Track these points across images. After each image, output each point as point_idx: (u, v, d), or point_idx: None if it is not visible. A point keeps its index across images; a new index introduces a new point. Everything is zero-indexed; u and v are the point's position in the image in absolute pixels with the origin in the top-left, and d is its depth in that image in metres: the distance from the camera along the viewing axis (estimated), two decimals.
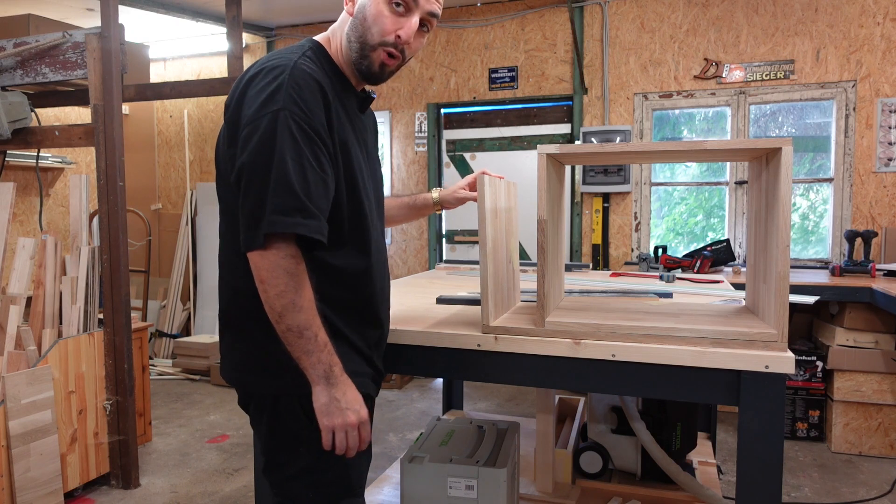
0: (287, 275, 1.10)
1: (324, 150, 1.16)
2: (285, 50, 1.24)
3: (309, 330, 1.12)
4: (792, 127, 4.32)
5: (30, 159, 4.58)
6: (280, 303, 1.11)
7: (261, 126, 1.12)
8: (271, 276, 1.11)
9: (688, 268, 3.72)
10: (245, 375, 1.26)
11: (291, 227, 1.09)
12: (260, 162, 1.11)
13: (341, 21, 1.28)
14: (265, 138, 1.11)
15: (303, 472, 1.24)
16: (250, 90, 1.16)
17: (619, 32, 4.46)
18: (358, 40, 1.23)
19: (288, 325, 1.12)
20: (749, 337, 1.22)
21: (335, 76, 1.25)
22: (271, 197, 1.09)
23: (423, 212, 1.71)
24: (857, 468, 3.25)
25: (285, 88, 1.13)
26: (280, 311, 1.11)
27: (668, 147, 1.32)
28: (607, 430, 2.21)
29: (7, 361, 2.73)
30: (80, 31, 2.99)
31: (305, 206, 1.11)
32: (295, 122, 1.12)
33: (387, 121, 5.19)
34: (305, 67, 1.17)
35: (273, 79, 1.14)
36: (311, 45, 1.26)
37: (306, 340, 1.12)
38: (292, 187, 1.10)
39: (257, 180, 1.11)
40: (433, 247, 5.13)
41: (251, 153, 1.12)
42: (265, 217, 1.09)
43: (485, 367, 1.39)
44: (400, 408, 4.28)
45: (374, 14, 1.22)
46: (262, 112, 1.12)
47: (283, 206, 1.09)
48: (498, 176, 1.59)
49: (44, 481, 2.68)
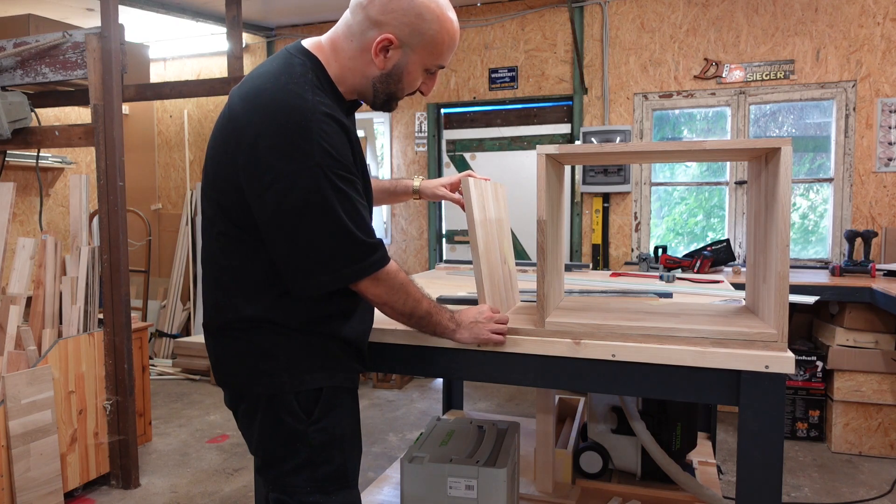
0: (388, 288, 1.23)
1: (359, 183, 1.22)
2: (284, 68, 1.20)
3: (432, 309, 1.29)
4: (792, 127, 4.32)
5: (30, 159, 4.58)
6: (403, 307, 1.26)
7: (298, 183, 1.12)
8: (388, 294, 1.24)
9: (688, 268, 3.72)
10: (238, 377, 1.28)
11: (378, 265, 1.21)
12: (311, 217, 1.14)
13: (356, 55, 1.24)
14: (310, 198, 1.13)
15: (301, 467, 1.26)
16: (270, 132, 1.13)
17: (619, 32, 4.46)
18: (387, 94, 1.28)
19: (419, 318, 1.28)
20: (749, 337, 1.22)
21: (333, 94, 1.25)
22: (342, 244, 1.17)
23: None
24: (857, 468, 3.25)
25: (316, 141, 1.13)
26: (409, 313, 1.27)
27: (668, 147, 1.32)
28: (607, 430, 2.21)
29: (7, 361, 2.73)
30: (80, 31, 2.99)
31: (375, 242, 1.21)
32: (334, 174, 1.14)
33: (387, 121, 5.19)
34: (325, 108, 1.16)
35: (298, 127, 1.13)
36: (312, 66, 1.23)
37: (435, 316, 1.30)
38: (354, 236, 1.17)
39: (312, 233, 1.15)
40: (433, 247, 5.13)
41: (295, 208, 1.13)
42: (345, 269, 1.18)
43: (485, 367, 1.39)
44: (400, 408, 4.28)
45: (411, 80, 1.27)
46: (295, 167, 1.12)
47: (362, 253, 1.19)
48: (483, 178, 1.62)
49: (44, 481, 2.67)
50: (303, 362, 1.25)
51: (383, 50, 1.21)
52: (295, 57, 1.23)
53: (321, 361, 1.27)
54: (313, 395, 1.26)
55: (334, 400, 1.29)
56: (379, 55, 1.21)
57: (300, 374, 1.25)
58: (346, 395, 1.32)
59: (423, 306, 1.28)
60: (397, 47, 1.21)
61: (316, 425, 1.26)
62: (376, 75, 1.24)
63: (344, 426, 1.31)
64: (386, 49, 1.21)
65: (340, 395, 1.30)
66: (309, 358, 1.26)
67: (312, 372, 1.26)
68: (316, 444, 1.26)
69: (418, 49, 1.22)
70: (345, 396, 1.31)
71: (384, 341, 1.45)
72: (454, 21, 1.26)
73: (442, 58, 1.27)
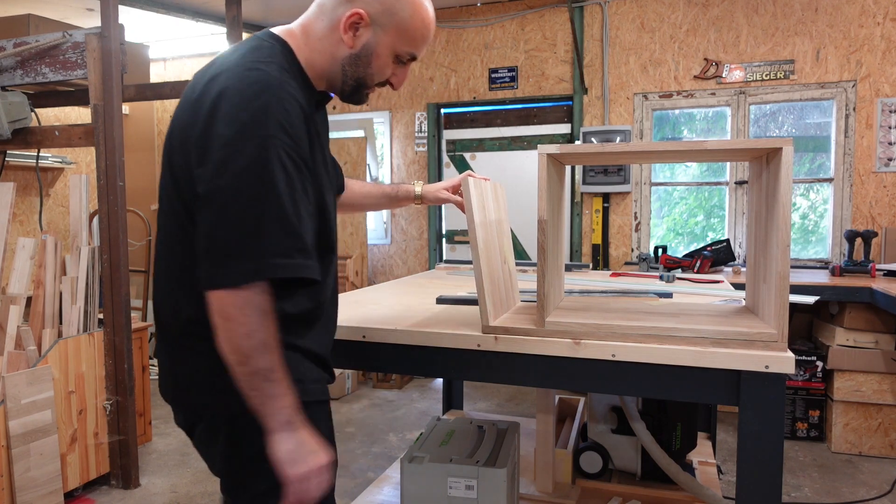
0: (260, 313, 1.02)
1: (310, 180, 1.12)
2: (254, 51, 1.14)
3: (276, 372, 1.04)
4: (792, 127, 4.32)
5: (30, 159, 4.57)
6: (249, 343, 1.01)
7: (246, 151, 1.02)
8: (243, 312, 1.01)
9: (688, 268, 3.72)
10: (197, 396, 1.18)
11: (297, 270, 1.04)
12: (247, 192, 1.02)
13: (325, 35, 1.18)
14: (255, 167, 1.02)
15: (271, 489, 1.13)
16: (225, 104, 1.05)
17: (619, 32, 4.46)
18: (355, 78, 1.21)
19: (256, 367, 1.03)
20: (749, 337, 1.22)
21: (301, 81, 1.18)
22: (270, 236, 1.02)
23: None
24: (857, 468, 3.25)
25: (273, 112, 1.04)
26: (248, 353, 1.02)
27: (668, 147, 1.32)
28: (607, 430, 2.21)
29: (7, 361, 2.73)
30: (80, 31, 2.99)
31: (305, 245, 1.05)
32: (286, 153, 1.05)
33: (387, 121, 5.19)
34: (287, 85, 1.09)
35: (255, 96, 1.05)
36: (281, 49, 1.17)
37: (272, 383, 1.04)
38: (292, 226, 1.04)
39: (243, 212, 1.01)
40: (433, 247, 5.13)
41: (233, 180, 1.02)
42: (264, 259, 1.01)
43: (485, 367, 1.39)
44: (400, 408, 4.28)
45: (380, 65, 1.20)
46: (246, 135, 1.02)
47: (284, 247, 1.02)
48: (483, 178, 1.60)
49: (44, 481, 2.67)
50: None
51: (353, 27, 1.16)
52: (264, 41, 1.18)
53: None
54: None
55: (306, 414, 1.16)
56: (348, 31, 1.16)
57: None
58: (318, 409, 1.22)
59: (270, 361, 1.04)
60: (367, 25, 1.16)
61: None
62: (345, 56, 1.18)
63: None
64: (356, 26, 1.16)
65: (312, 409, 1.19)
66: None
67: None
68: None
69: (389, 30, 1.17)
70: (317, 410, 1.22)
71: (384, 341, 1.45)
72: (429, 10, 1.21)
73: (415, 45, 1.20)
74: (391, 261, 5.28)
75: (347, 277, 4.91)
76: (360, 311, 1.67)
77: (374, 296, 1.97)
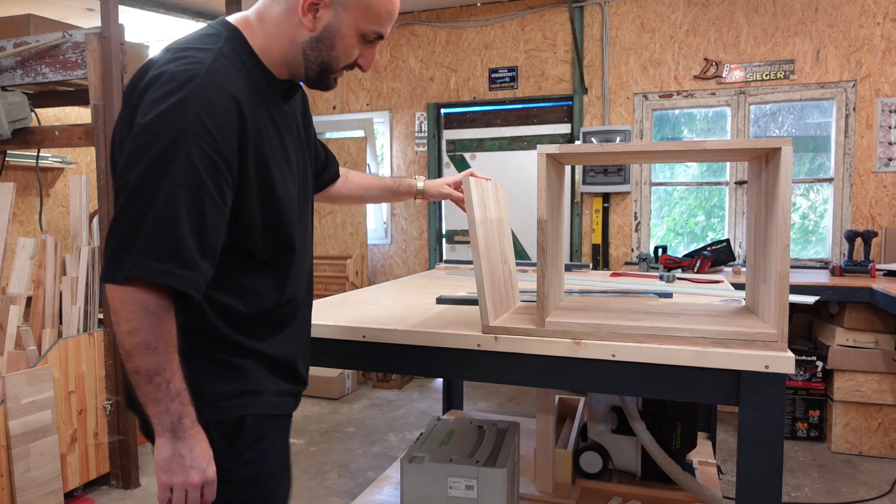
0: (144, 311, 0.96)
1: (227, 178, 1.02)
2: (197, 39, 1.08)
3: (160, 376, 0.98)
4: (792, 127, 4.32)
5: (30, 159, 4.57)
6: (131, 341, 0.96)
7: (156, 144, 0.96)
8: (125, 308, 0.96)
9: (688, 268, 3.72)
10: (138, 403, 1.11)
11: (158, 275, 0.95)
12: (147, 186, 0.95)
13: (282, 19, 1.10)
14: (159, 160, 0.95)
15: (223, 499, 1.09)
16: (150, 93, 0.99)
17: (619, 32, 4.46)
18: (319, 63, 1.13)
19: (136, 366, 0.97)
20: (749, 337, 1.22)
21: (256, 71, 1.11)
22: (147, 233, 0.95)
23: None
24: (857, 468, 3.25)
25: (193, 103, 0.97)
26: (129, 350, 0.97)
27: (668, 147, 1.32)
28: (607, 430, 2.21)
29: (7, 361, 2.74)
30: (80, 31, 2.99)
31: (184, 252, 0.96)
32: (199, 148, 0.97)
33: (387, 121, 5.19)
34: (219, 75, 1.02)
35: (179, 86, 0.98)
36: (229, 36, 1.10)
37: (155, 387, 0.98)
38: (176, 228, 0.95)
39: (138, 206, 0.96)
40: (433, 247, 5.13)
41: (140, 173, 0.96)
42: (129, 256, 0.94)
43: (485, 367, 1.39)
44: (400, 408, 4.28)
45: (345, 46, 1.12)
46: (160, 126, 0.96)
47: (157, 250, 0.95)
48: (484, 177, 1.60)
49: (44, 481, 2.67)
50: (222, 385, 1.09)
51: (312, 8, 1.07)
52: (210, 27, 1.11)
53: (242, 384, 1.11)
54: (235, 424, 1.10)
55: (260, 430, 1.12)
56: (307, 14, 1.08)
57: (218, 400, 1.08)
58: (274, 424, 1.15)
59: (153, 364, 0.97)
60: (328, 6, 1.08)
61: (239, 458, 1.10)
62: (306, 39, 1.10)
63: (271, 459, 1.15)
64: (315, 7, 1.08)
65: (267, 424, 1.14)
66: (229, 380, 1.10)
67: (233, 397, 1.10)
68: (238, 481, 1.11)
69: (351, 9, 1.09)
70: (273, 425, 1.15)
71: (384, 341, 1.45)
72: None
73: (379, 22, 1.12)
74: (391, 261, 5.28)
75: (347, 277, 4.91)
76: (360, 311, 1.67)
77: (374, 296, 1.97)
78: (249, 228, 1.09)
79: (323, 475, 3.23)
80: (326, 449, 3.57)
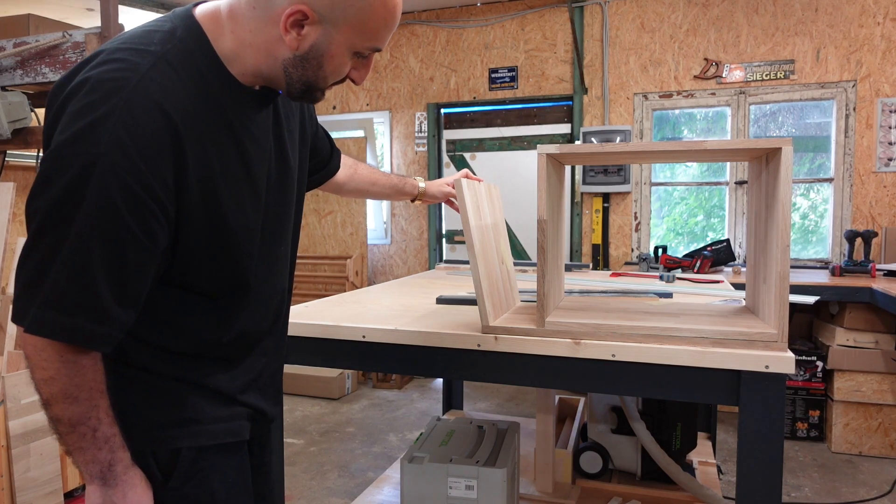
0: (59, 360, 0.84)
1: (158, 216, 0.86)
2: (141, 36, 0.91)
3: (84, 425, 0.87)
4: (792, 127, 4.32)
5: (30, 159, 4.57)
6: (48, 390, 0.85)
7: (68, 171, 0.81)
8: (38, 356, 0.84)
9: (688, 268, 3.72)
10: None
11: (63, 333, 0.83)
12: (55, 222, 0.82)
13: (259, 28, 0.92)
14: (71, 192, 0.81)
15: None
16: (71, 104, 0.84)
17: (619, 32, 4.46)
18: (303, 81, 0.96)
19: (56, 415, 0.86)
20: (749, 337, 1.22)
21: (215, 79, 0.94)
22: (54, 281, 0.82)
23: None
24: (857, 468, 3.25)
25: (114, 122, 0.81)
26: (47, 399, 0.86)
27: (668, 147, 1.32)
28: (607, 430, 2.21)
29: (7, 361, 2.74)
30: (80, 31, 2.99)
31: (97, 304, 0.84)
32: (119, 180, 0.81)
33: (387, 121, 5.19)
34: (154, 86, 0.85)
35: (102, 98, 0.82)
36: (184, 35, 0.92)
37: (79, 436, 0.88)
38: (88, 277, 0.82)
39: (44, 245, 0.82)
40: (433, 247, 5.13)
41: (48, 204, 0.82)
42: (34, 303, 0.82)
43: (485, 367, 1.39)
44: (400, 408, 4.28)
45: (335, 66, 0.96)
46: (73, 149, 0.81)
47: (63, 301, 0.82)
48: (477, 178, 1.60)
49: (44, 481, 2.67)
50: (156, 413, 0.98)
51: (295, 25, 0.90)
52: (166, 22, 0.94)
53: (178, 413, 0.99)
54: (170, 456, 0.98)
55: (200, 462, 1.00)
56: (290, 32, 0.90)
57: (152, 430, 0.97)
58: (218, 455, 1.03)
59: (75, 413, 0.86)
60: (315, 23, 0.90)
61: (177, 491, 0.99)
62: (288, 57, 0.93)
63: (216, 492, 1.02)
64: (299, 24, 0.90)
65: (209, 456, 1.01)
66: (161, 409, 0.98)
67: (165, 427, 0.98)
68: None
69: (343, 27, 0.91)
70: (217, 456, 1.02)
71: (384, 341, 1.45)
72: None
73: (377, 37, 0.95)
74: (391, 261, 5.28)
75: (347, 277, 4.91)
76: (359, 311, 1.67)
77: (373, 296, 1.97)
78: (192, 265, 0.95)
79: (323, 475, 3.23)
80: (326, 449, 3.57)
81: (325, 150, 1.43)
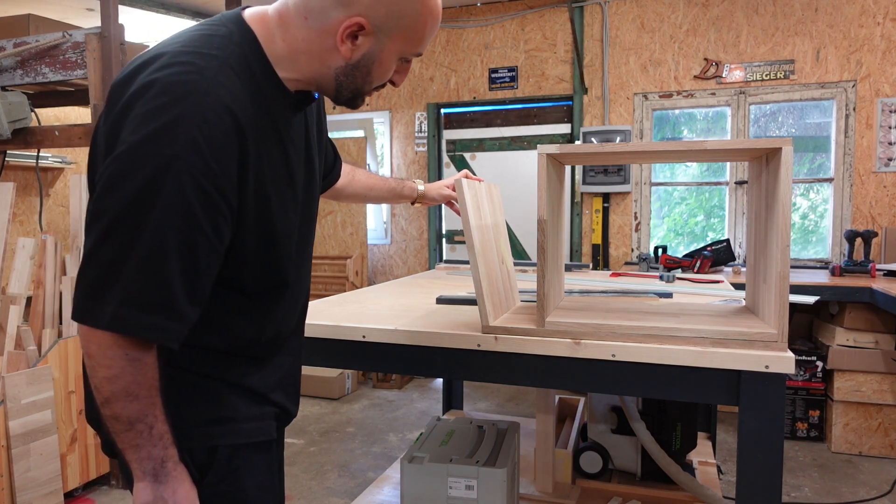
0: (126, 358, 0.86)
1: (226, 215, 0.90)
2: (202, 40, 0.93)
3: (142, 422, 0.89)
4: (792, 127, 4.32)
5: (30, 159, 4.57)
6: (110, 388, 0.87)
7: (143, 170, 0.83)
8: (104, 354, 0.85)
9: (688, 268, 3.72)
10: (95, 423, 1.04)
11: (145, 331, 0.85)
12: (130, 219, 0.83)
13: (313, 38, 0.96)
14: (146, 191, 0.82)
15: None
16: (139, 104, 0.85)
17: (619, 32, 4.46)
18: (352, 89, 1.02)
19: (115, 413, 0.88)
20: (749, 337, 1.22)
21: (267, 84, 0.97)
22: (130, 277, 0.83)
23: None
24: (857, 468, 3.25)
25: (188, 126, 0.84)
26: (108, 397, 0.87)
27: (668, 147, 1.32)
28: (607, 430, 2.21)
29: (7, 361, 2.74)
30: (80, 31, 2.99)
31: (174, 302, 0.86)
32: (194, 180, 0.84)
33: (387, 121, 5.19)
34: (223, 91, 0.88)
35: (173, 101, 0.84)
36: (241, 40, 0.95)
37: (136, 434, 0.89)
38: (165, 273, 0.84)
39: (118, 241, 0.83)
40: (433, 247, 5.13)
41: (122, 202, 0.83)
42: (110, 301, 0.83)
43: (485, 367, 1.39)
44: (400, 408, 4.28)
45: (381, 72, 1.01)
46: (148, 150, 0.83)
47: (143, 298, 0.84)
48: (477, 178, 1.60)
49: (44, 481, 2.67)
50: (194, 411, 1.00)
51: (351, 37, 0.95)
52: (221, 27, 0.96)
53: (215, 412, 1.01)
54: (207, 454, 1.01)
55: (235, 461, 1.03)
56: (346, 42, 0.95)
57: (190, 428, 0.99)
58: (251, 453, 1.06)
59: (134, 411, 0.88)
60: (369, 33, 0.95)
61: (212, 489, 1.01)
62: (340, 66, 0.98)
63: (248, 490, 1.05)
64: (355, 35, 0.95)
65: (243, 454, 1.04)
66: (198, 407, 1.01)
67: (202, 425, 1.00)
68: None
69: (395, 35, 0.96)
70: (249, 455, 1.05)
71: (384, 341, 1.45)
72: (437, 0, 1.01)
73: (423, 43, 1.01)
74: (391, 261, 5.28)
75: (347, 277, 4.91)
76: (360, 311, 1.67)
77: (374, 296, 1.97)
78: (241, 264, 0.98)
79: (323, 475, 3.23)
80: (326, 449, 3.57)
81: (330, 157, 1.45)
